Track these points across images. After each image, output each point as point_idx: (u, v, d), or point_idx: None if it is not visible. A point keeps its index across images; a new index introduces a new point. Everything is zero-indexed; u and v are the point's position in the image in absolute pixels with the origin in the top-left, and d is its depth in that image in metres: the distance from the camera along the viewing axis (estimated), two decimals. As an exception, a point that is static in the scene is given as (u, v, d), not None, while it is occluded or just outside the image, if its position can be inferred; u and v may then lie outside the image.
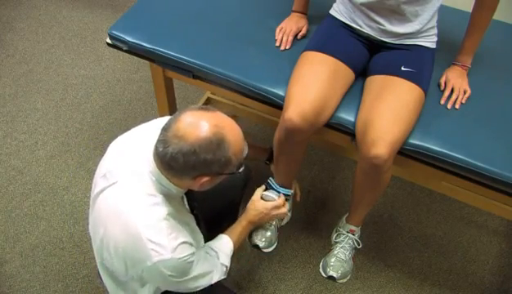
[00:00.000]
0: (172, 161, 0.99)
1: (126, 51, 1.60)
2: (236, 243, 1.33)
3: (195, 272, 1.14)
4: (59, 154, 2.08)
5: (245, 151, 1.08)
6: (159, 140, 1.01)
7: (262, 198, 1.41)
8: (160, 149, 0.99)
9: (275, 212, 1.42)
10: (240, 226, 1.37)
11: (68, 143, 2.12)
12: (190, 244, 1.11)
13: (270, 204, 1.40)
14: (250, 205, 1.40)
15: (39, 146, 2.11)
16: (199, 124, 0.97)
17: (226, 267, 1.28)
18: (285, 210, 1.44)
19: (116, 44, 1.59)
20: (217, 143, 0.98)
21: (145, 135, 1.12)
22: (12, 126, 2.18)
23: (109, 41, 1.61)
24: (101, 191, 1.11)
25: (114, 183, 1.08)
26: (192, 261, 1.12)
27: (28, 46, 2.55)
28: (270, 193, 1.43)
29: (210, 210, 1.43)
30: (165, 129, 1.00)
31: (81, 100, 2.30)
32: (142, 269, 1.06)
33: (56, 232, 1.84)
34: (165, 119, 1.07)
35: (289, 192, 1.51)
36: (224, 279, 1.27)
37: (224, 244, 1.31)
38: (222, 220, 1.51)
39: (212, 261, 1.23)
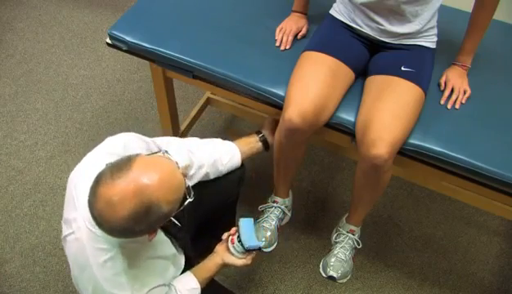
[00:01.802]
0: (112, 235, 0.94)
1: (126, 51, 1.60)
2: (203, 283, 1.28)
3: None
4: (59, 154, 2.08)
5: (183, 185, 0.97)
6: (91, 216, 0.93)
7: (229, 249, 1.30)
8: (97, 226, 0.93)
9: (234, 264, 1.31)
10: (210, 269, 1.30)
11: (68, 143, 2.12)
12: (162, 286, 1.08)
13: (234, 262, 1.30)
14: (221, 255, 1.31)
15: (39, 146, 2.11)
16: (116, 202, 0.87)
17: None
18: (242, 262, 1.30)
19: (116, 44, 1.59)
20: (145, 211, 0.89)
21: (95, 172, 0.96)
22: (12, 126, 2.18)
23: (109, 41, 1.61)
24: (65, 237, 1.08)
25: (71, 232, 1.05)
26: None
27: (28, 46, 2.55)
28: (236, 253, 1.30)
29: (208, 211, 1.43)
30: (90, 204, 0.91)
31: (81, 100, 2.30)
32: None
33: (56, 232, 1.84)
34: (116, 140, 1.04)
35: (259, 246, 1.32)
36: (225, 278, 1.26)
37: (191, 292, 1.24)
38: (221, 220, 1.51)
39: None
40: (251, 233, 1.28)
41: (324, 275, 1.66)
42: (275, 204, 1.68)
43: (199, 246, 1.38)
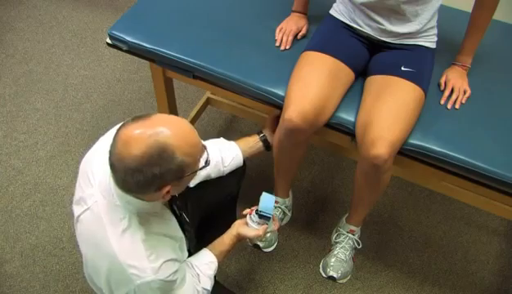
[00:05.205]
0: (125, 183, 0.95)
1: (126, 51, 1.60)
2: (220, 257, 1.29)
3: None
4: (59, 154, 2.08)
5: (199, 145, 1.00)
6: (109, 165, 0.96)
7: (246, 222, 1.34)
8: (112, 175, 0.96)
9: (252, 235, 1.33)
10: (225, 242, 1.32)
11: (68, 143, 2.12)
12: (175, 260, 1.09)
13: (247, 232, 1.32)
14: (236, 227, 1.33)
15: (39, 146, 2.11)
16: (133, 140, 0.91)
17: (208, 290, 1.24)
18: (254, 233, 1.32)
19: (116, 44, 1.59)
20: (158, 154, 0.91)
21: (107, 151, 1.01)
22: (12, 126, 2.18)
23: (109, 41, 1.61)
24: (78, 217, 1.09)
25: (86, 209, 1.06)
26: (176, 279, 1.10)
27: (28, 46, 2.55)
28: (251, 223, 1.34)
29: (209, 207, 1.43)
30: (110, 152, 0.94)
31: (81, 100, 2.30)
32: (127, 291, 1.04)
33: (56, 232, 1.84)
34: None
35: (271, 214, 1.35)
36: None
37: (209, 265, 1.26)
38: (221, 218, 1.51)
39: (193, 286, 1.20)
40: (269, 204, 1.32)
41: (324, 275, 1.66)
42: (275, 204, 1.68)
43: (200, 244, 1.39)
